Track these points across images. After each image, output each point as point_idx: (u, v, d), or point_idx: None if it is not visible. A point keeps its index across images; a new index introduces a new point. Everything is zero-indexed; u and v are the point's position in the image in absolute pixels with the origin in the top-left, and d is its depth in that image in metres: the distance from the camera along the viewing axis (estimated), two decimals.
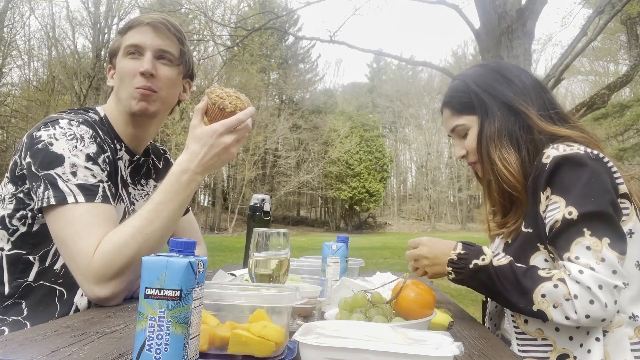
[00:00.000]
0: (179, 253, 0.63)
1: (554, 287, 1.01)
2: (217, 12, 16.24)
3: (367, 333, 0.73)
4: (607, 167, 1.07)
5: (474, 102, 1.25)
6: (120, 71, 1.29)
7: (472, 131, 1.26)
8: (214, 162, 1.15)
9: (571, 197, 1.04)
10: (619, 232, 1.03)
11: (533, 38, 6.76)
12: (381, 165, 36.20)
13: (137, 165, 1.40)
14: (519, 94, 1.21)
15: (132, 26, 1.30)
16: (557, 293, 1.01)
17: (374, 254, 12.50)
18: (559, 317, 1.01)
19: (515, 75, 1.25)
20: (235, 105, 1.16)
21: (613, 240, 1.01)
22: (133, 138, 1.35)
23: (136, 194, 1.39)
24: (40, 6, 26.61)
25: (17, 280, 1.18)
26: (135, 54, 1.28)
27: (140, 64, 1.26)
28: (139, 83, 1.26)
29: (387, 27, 79.09)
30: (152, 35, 1.28)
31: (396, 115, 40.69)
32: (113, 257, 1.06)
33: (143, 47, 1.28)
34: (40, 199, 1.11)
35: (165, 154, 1.57)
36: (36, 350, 0.74)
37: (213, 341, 0.71)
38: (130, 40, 1.28)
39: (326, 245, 1.33)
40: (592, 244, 1.01)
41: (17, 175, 1.18)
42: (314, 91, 39.03)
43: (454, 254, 1.13)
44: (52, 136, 1.14)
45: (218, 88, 1.19)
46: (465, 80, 1.29)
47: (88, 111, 1.30)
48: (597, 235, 1.01)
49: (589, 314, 0.98)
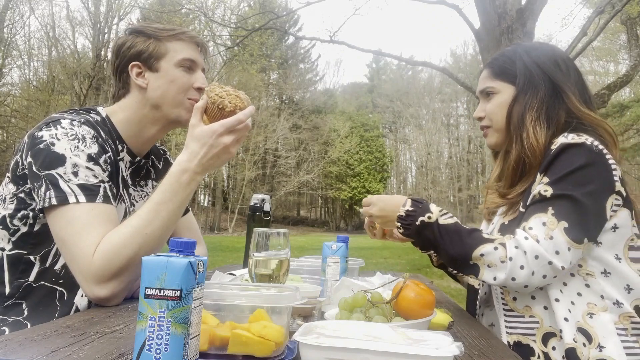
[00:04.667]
0: (179, 253, 0.63)
1: (494, 249, 1.07)
2: (217, 12, 16.21)
3: (367, 333, 0.73)
4: (607, 163, 1.08)
5: (516, 71, 1.26)
6: (173, 80, 1.30)
7: (499, 97, 1.28)
8: (213, 162, 1.15)
9: (555, 177, 1.08)
10: (584, 222, 1.05)
11: (533, 38, 6.76)
12: (381, 165, 36.20)
13: (138, 166, 1.40)
14: (566, 76, 1.23)
15: (179, 38, 1.33)
16: (495, 255, 1.06)
17: (374, 254, 12.49)
18: (489, 276, 1.07)
19: (564, 59, 1.27)
20: (235, 105, 1.16)
21: (571, 226, 1.04)
22: (144, 141, 1.36)
23: (136, 195, 1.39)
24: (40, 6, 26.69)
25: (18, 280, 1.18)
26: (189, 68, 1.32)
27: (194, 78, 1.33)
28: (193, 95, 1.32)
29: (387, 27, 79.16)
30: (199, 54, 1.36)
31: (396, 115, 40.65)
32: (112, 258, 1.06)
33: (197, 64, 1.34)
34: (42, 199, 1.11)
35: (165, 154, 1.57)
36: (36, 350, 0.74)
37: (213, 341, 0.71)
38: (185, 54, 1.32)
39: (326, 245, 1.33)
40: (549, 222, 1.05)
41: (18, 175, 1.18)
42: (314, 91, 39.02)
43: (402, 211, 1.17)
44: (54, 136, 1.14)
45: (217, 86, 1.19)
46: (517, 50, 1.30)
47: (89, 112, 1.30)
48: (558, 216, 1.05)
49: (514, 277, 1.04)
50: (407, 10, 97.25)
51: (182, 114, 1.32)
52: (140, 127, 1.33)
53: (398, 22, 77.46)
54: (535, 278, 1.04)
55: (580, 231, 1.04)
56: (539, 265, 1.03)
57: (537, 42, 1.37)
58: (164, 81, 1.30)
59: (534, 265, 1.03)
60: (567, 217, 1.04)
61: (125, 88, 1.33)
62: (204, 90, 1.20)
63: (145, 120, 1.33)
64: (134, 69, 1.31)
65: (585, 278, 1.08)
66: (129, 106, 1.33)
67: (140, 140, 1.35)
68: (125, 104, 1.33)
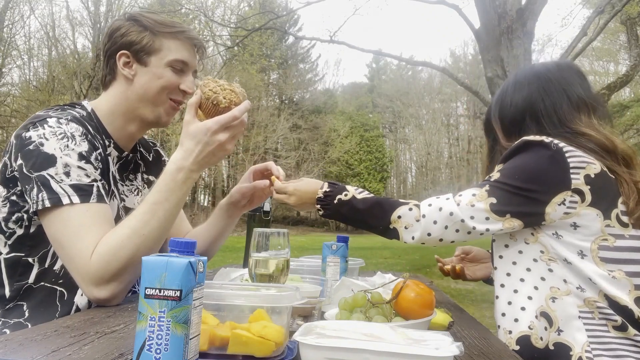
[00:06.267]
0: (179, 253, 0.63)
1: (409, 210, 1.16)
2: (217, 12, 16.22)
3: (367, 333, 0.73)
4: (564, 162, 1.09)
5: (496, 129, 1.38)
6: (159, 77, 1.27)
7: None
8: (209, 159, 1.14)
9: (505, 167, 1.15)
10: (512, 203, 1.10)
11: (533, 38, 6.76)
12: (381, 165, 36.18)
13: (125, 161, 1.38)
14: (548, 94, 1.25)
15: (176, 37, 1.29)
16: (410, 215, 1.15)
17: (374, 254, 12.49)
18: (407, 236, 1.16)
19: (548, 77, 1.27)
20: (230, 100, 1.14)
21: (499, 203, 1.10)
22: (128, 137, 1.34)
23: (125, 189, 1.38)
24: (40, 6, 26.60)
25: (18, 282, 1.17)
26: (179, 70, 1.30)
27: (182, 79, 1.30)
28: (176, 97, 1.31)
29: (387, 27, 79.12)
30: (194, 55, 1.33)
31: (396, 115, 40.62)
32: (110, 260, 1.06)
33: (189, 66, 1.32)
34: (35, 202, 1.09)
35: (154, 146, 1.55)
36: (36, 350, 0.74)
37: (213, 341, 0.71)
38: (178, 55, 1.28)
39: (326, 245, 1.33)
40: (479, 194, 1.12)
41: (7, 177, 1.16)
42: (314, 91, 38.97)
43: (320, 192, 1.26)
44: (42, 136, 1.12)
45: (212, 81, 1.16)
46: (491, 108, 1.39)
47: (74, 107, 1.27)
48: (490, 193, 1.11)
49: (430, 233, 1.13)
50: (407, 10, 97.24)
51: (162, 114, 1.30)
52: (124, 121, 1.31)
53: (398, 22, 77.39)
54: (448, 232, 1.12)
55: (505, 208, 1.09)
56: (452, 221, 1.11)
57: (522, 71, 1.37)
58: (150, 76, 1.27)
59: (447, 220, 1.11)
60: (497, 197, 1.10)
61: (111, 75, 1.30)
62: (198, 86, 1.18)
63: (128, 114, 1.30)
64: (122, 58, 1.27)
65: (548, 263, 1.11)
66: (113, 96, 1.30)
67: (124, 134, 1.33)
68: (110, 94, 1.30)
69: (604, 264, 1.08)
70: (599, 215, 1.09)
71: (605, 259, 1.08)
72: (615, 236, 1.09)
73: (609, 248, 1.09)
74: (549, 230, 1.12)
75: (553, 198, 1.09)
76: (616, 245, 1.09)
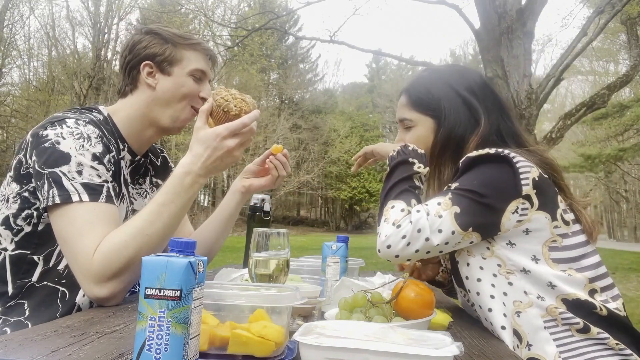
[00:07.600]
0: (179, 253, 0.63)
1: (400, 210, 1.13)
2: (217, 12, 16.23)
3: (367, 333, 0.73)
4: (514, 169, 1.09)
5: (434, 104, 1.31)
6: (182, 86, 1.34)
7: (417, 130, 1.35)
8: (217, 164, 1.16)
9: (461, 178, 1.13)
10: (475, 213, 1.08)
11: (533, 38, 6.76)
12: (381, 165, 36.04)
13: (137, 165, 1.42)
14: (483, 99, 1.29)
15: (195, 48, 1.37)
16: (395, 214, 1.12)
17: (374, 254, 12.45)
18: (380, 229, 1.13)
19: (478, 83, 1.32)
20: (240, 108, 1.18)
21: (462, 213, 1.07)
22: (143, 141, 1.38)
23: (135, 192, 1.41)
24: (40, 6, 26.65)
25: (21, 280, 1.18)
26: (199, 79, 1.37)
27: (201, 87, 1.38)
28: (196, 104, 1.36)
29: (387, 27, 79.13)
30: (209, 65, 1.42)
31: None
32: (113, 258, 1.07)
33: (207, 75, 1.40)
34: (45, 198, 1.11)
35: (162, 152, 1.60)
36: (36, 350, 0.74)
37: (213, 341, 0.71)
38: (198, 64, 1.37)
39: (326, 245, 1.33)
40: (444, 202, 1.10)
41: (22, 174, 1.18)
42: (314, 91, 39.02)
43: (403, 146, 1.27)
44: (59, 135, 1.15)
45: (224, 90, 1.20)
46: (432, 78, 1.36)
47: (92, 111, 1.31)
48: (454, 201, 1.09)
49: (390, 245, 1.09)
50: (407, 10, 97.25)
51: (179, 120, 1.37)
52: (142, 126, 1.35)
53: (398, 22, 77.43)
54: (408, 250, 1.08)
55: (468, 219, 1.07)
56: (418, 239, 1.07)
57: (450, 66, 1.41)
58: (173, 84, 1.33)
59: (414, 238, 1.07)
60: (461, 205, 1.08)
61: (133, 84, 1.35)
62: (210, 94, 1.22)
63: (145, 120, 1.35)
64: (146, 68, 1.33)
65: (507, 277, 1.09)
66: (133, 103, 1.34)
67: (140, 139, 1.37)
68: (130, 101, 1.35)
69: (557, 264, 1.08)
70: (547, 217, 1.09)
71: (557, 259, 1.08)
72: (562, 236, 1.10)
73: (558, 249, 1.09)
74: (503, 241, 1.10)
75: (508, 206, 1.08)
76: (564, 245, 1.09)
